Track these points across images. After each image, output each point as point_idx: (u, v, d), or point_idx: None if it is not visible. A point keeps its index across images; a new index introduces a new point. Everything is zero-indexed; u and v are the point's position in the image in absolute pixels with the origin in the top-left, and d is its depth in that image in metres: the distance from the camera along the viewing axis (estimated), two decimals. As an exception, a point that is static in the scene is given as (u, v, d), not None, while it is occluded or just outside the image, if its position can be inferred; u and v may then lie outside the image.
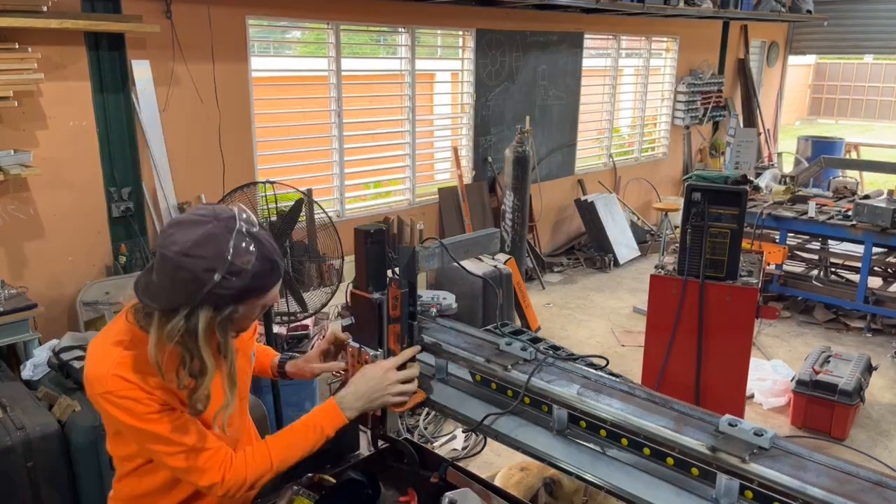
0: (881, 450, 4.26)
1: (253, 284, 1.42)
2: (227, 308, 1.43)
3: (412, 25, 6.11)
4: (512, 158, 6.30)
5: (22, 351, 3.76)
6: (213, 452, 1.54)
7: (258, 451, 1.60)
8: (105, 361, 1.45)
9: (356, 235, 1.70)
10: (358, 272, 1.72)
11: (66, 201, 4.23)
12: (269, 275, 1.46)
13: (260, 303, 1.49)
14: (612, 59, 8.52)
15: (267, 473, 1.59)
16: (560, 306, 6.63)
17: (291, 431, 1.65)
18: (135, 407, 1.44)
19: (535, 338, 2.52)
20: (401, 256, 1.68)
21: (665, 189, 9.78)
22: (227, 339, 1.47)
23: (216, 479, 1.53)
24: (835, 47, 12.53)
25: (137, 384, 1.44)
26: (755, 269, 4.03)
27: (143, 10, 4.37)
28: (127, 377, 1.43)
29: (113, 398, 1.44)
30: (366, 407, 1.67)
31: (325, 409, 1.66)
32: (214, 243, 1.38)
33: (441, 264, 1.82)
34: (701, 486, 1.32)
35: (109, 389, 1.43)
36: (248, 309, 1.48)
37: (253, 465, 1.58)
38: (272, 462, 1.59)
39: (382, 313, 1.69)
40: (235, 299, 1.43)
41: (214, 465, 1.53)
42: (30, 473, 2.83)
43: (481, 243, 2.00)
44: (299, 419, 1.68)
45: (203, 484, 1.54)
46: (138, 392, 1.44)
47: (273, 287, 1.49)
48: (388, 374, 1.67)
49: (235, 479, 1.55)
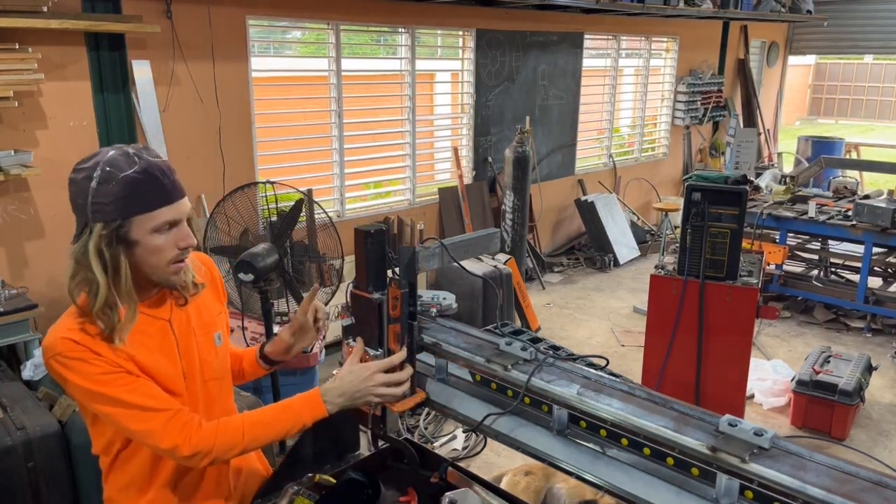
0: (881, 450, 4.26)
1: (131, 196, 1.48)
2: (114, 223, 1.49)
3: (412, 25, 6.11)
4: (512, 158, 6.30)
5: (22, 351, 3.76)
6: (171, 414, 1.55)
7: (232, 424, 1.61)
8: (57, 329, 1.55)
9: (356, 235, 1.70)
10: (358, 272, 1.72)
11: (67, 201, 4.22)
12: (150, 190, 1.51)
13: (149, 225, 1.51)
14: (612, 60, 8.52)
15: (237, 447, 1.60)
16: (560, 306, 6.63)
17: (270, 411, 1.66)
18: (83, 367, 1.50)
19: (535, 338, 2.52)
20: (401, 256, 1.67)
21: (665, 189, 9.79)
22: (118, 257, 1.52)
23: (177, 442, 1.53)
24: (835, 47, 12.53)
25: (86, 346, 1.51)
26: (755, 269, 4.03)
27: (144, 10, 4.37)
28: (76, 339, 1.50)
29: (63, 359, 1.50)
30: (347, 404, 1.66)
31: (308, 399, 1.66)
32: (96, 157, 1.54)
33: (441, 264, 1.82)
34: (701, 486, 1.32)
35: (59, 351, 1.50)
36: (139, 230, 1.51)
37: (224, 434, 1.58)
38: (244, 437, 1.59)
39: (383, 313, 1.69)
40: (119, 212, 1.49)
41: (174, 429, 1.54)
42: (30, 474, 2.83)
43: (481, 243, 2.00)
44: (280, 402, 1.70)
45: (164, 447, 1.54)
46: (87, 353, 1.50)
47: (159, 208, 1.51)
48: (374, 376, 1.66)
49: (202, 444, 1.55)
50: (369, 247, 1.68)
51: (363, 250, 1.68)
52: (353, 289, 1.73)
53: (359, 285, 1.72)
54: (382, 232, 1.70)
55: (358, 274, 1.72)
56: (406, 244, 6.05)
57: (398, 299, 1.66)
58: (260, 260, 3.10)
